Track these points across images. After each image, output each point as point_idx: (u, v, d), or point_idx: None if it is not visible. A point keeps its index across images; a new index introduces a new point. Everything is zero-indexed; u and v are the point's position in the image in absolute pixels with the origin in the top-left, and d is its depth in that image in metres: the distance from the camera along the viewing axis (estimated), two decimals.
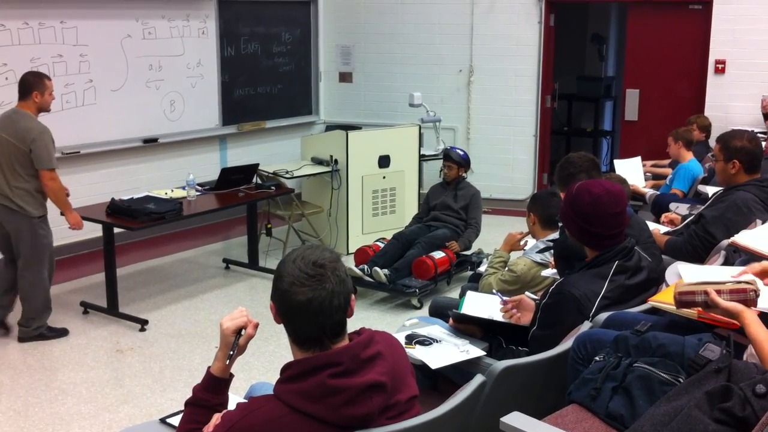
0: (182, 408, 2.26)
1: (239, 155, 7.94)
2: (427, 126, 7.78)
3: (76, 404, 4.21)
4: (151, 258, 6.78)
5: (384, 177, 7.02)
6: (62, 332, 5.18)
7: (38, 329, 5.11)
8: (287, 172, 6.71)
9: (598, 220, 2.81)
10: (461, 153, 6.21)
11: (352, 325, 2.04)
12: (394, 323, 4.94)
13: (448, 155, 6.17)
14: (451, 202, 6.11)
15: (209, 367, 2.22)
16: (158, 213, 5.35)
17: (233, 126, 8.04)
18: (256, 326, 2.24)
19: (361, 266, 5.75)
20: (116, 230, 5.44)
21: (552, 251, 3.76)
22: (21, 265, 4.98)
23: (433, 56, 8.55)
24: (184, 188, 6.01)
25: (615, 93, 9.89)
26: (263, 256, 6.59)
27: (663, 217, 4.82)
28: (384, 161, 7.00)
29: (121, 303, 5.47)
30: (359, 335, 2.04)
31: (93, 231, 5.58)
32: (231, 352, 2.19)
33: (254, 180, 6.39)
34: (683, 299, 2.17)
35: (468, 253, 6.14)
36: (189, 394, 2.22)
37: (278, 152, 8.17)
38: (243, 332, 2.20)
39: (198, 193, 6.00)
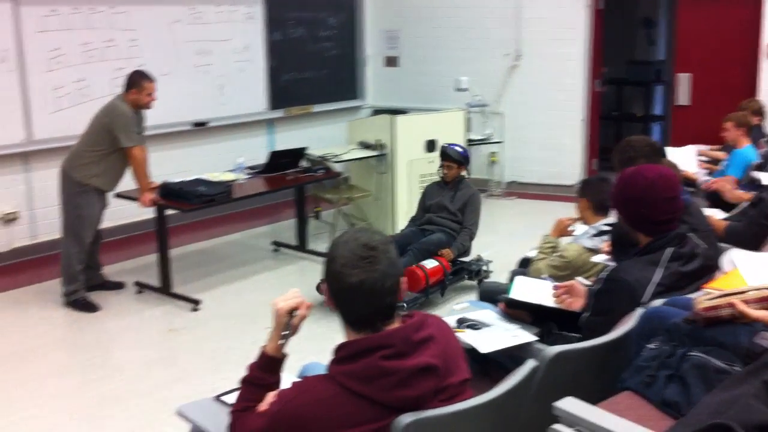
0: (235, 387, 2.31)
1: (286, 139, 8.00)
2: (474, 110, 7.74)
3: (131, 382, 4.31)
4: (202, 240, 6.91)
5: (431, 161, 6.99)
6: (90, 308, 5.34)
7: (68, 297, 5.37)
8: (334, 156, 6.74)
9: (652, 205, 2.77)
10: (461, 150, 5.61)
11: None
12: None
13: (446, 153, 5.57)
14: (447, 203, 5.54)
15: (263, 347, 2.26)
16: (209, 195, 5.42)
17: (281, 110, 8.11)
18: (309, 307, 2.26)
19: None
20: (168, 212, 5.54)
21: (603, 237, 3.74)
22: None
23: (480, 40, 8.50)
24: (233, 171, 6.08)
25: (666, 77, 9.73)
26: (312, 239, 6.65)
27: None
28: (431, 145, 6.99)
29: (174, 283, 5.58)
30: (411, 318, 2.06)
31: (146, 212, 5.69)
32: (285, 333, 2.22)
33: (302, 164, 6.44)
34: (709, 315, 2.14)
35: (466, 259, 5.62)
36: (240, 374, 2.26)
37: (325, 136, 8.22)
38: (296, 313, 2.23)
39: (247, 176, 6.07)
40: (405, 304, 4.88)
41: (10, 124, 6.10)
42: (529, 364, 2.28)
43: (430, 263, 5.23)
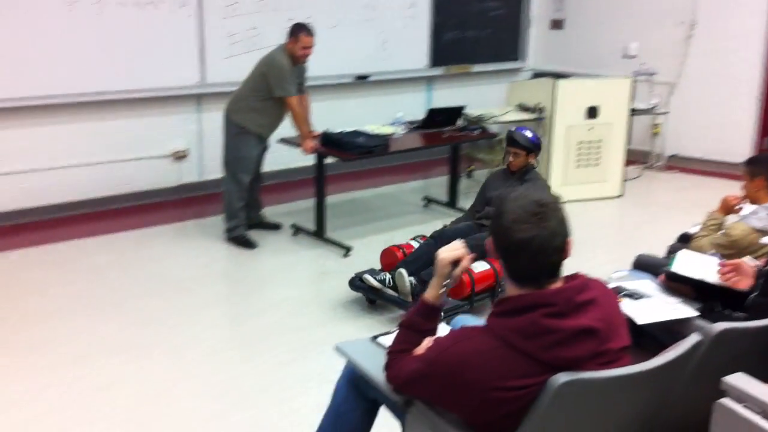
0: (388, 330, 2.38)
1: (444, 97, 8.02)
2: (641, 79, 7.47)
3: (285, 317, 4.50)
4: (356, 189, 7.10)
5: (591, 128, 6.84)
6: (249, 244, 5.61)
7: (229, 233, 5.68)
8: (492, 117, 6.70)
9: None
10: (530, 136, 4.91)
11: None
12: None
13: (512, 139, 4.90)
14: None
15: (424, 294, 2.32)
16: (367, 147, 5.53)
17: (441, 68, 8.12)
18: (472, 259, 2.31)
19: (381, 274, 4.56)
20: (327, 160, 5.69)
21: None
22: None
23: (651, 6, 8.14)
24: (392, 125, 6.18)
25: None
26: (462, 197, 6.68)
27: None
28: (592, 112, 6.82)
29: (327, 228, 5.77)
30: (573, 279, 2.05)
31: (305, 159, 5.89)
32: (446, 282, 2.27)
33: (459, 122, 6.45)
34: None
35: None
36: (389, 323, 2.33)
37: (483, 97, 8.16)
38: (459, 264, 2.27)
39: (405, 131, 6.15)
40: (443, 312, 4.00)
41: (187, 67, 6.45)
42: (693, 338, 2.22)
43: (479, 266, 4.49)
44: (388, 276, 4.48)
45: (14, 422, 3.32)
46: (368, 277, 4.51)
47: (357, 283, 4.58)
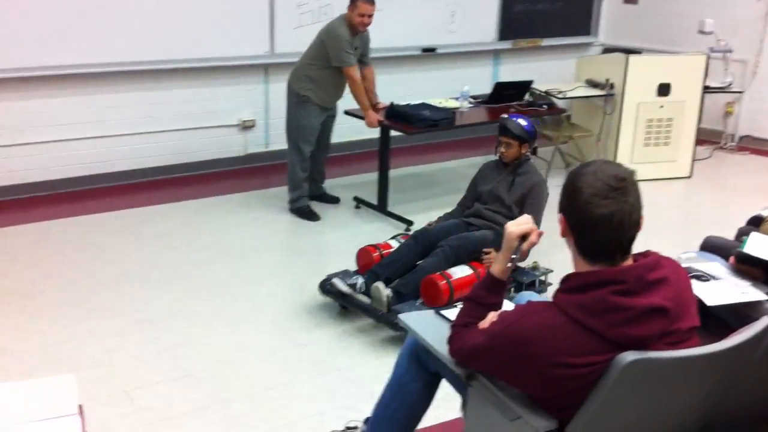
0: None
1: (511, 71, 7.92)
2: (716, 56, 7.24)
3: None
4: (419, 164, 7.07)
5: (661, 106, 6.67)
6: (312, 216, 5.64)
7: (292, 204, 5.72)
8: (560, 92, 6.59)
9: None
10: (525, 124, 4.32)
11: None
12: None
13: (504, 127, 4.33)
14: (503, 192, 4.32)
15: (489, 268, 2.31)
16: (433, 120, 5.50)
17: (509, 41, 8.00)
18: (540, 235, 2.28)
19: (354, 277, 4.15)
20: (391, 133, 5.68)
21: None
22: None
23: None
24: (457, 99, 6.13)
25: None
26: None
27: None
28: (663, 90, 6.64)
29: (390, 202, 5.77)
30: (645, 257, 2.01)
31: (369, 132, 5.84)
32: (513, 257, 2.26)
33: (526, 97, 6.36)
34: None
35: (521, 265, 4.09)
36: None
37: (551, 71, 8.02)
38: (527, 239, 2.25)
39: (470, 105, 6.10)
40: None
41: (258, 38, 6.50)
42: (763, 322, 2.17)
43: (460, 271, 4.00)
44: (360, 280, 4.09)
45: (80, 382, 3.43)
46: (337, 282, 4.09)
47: (327, 287, 4.18)
